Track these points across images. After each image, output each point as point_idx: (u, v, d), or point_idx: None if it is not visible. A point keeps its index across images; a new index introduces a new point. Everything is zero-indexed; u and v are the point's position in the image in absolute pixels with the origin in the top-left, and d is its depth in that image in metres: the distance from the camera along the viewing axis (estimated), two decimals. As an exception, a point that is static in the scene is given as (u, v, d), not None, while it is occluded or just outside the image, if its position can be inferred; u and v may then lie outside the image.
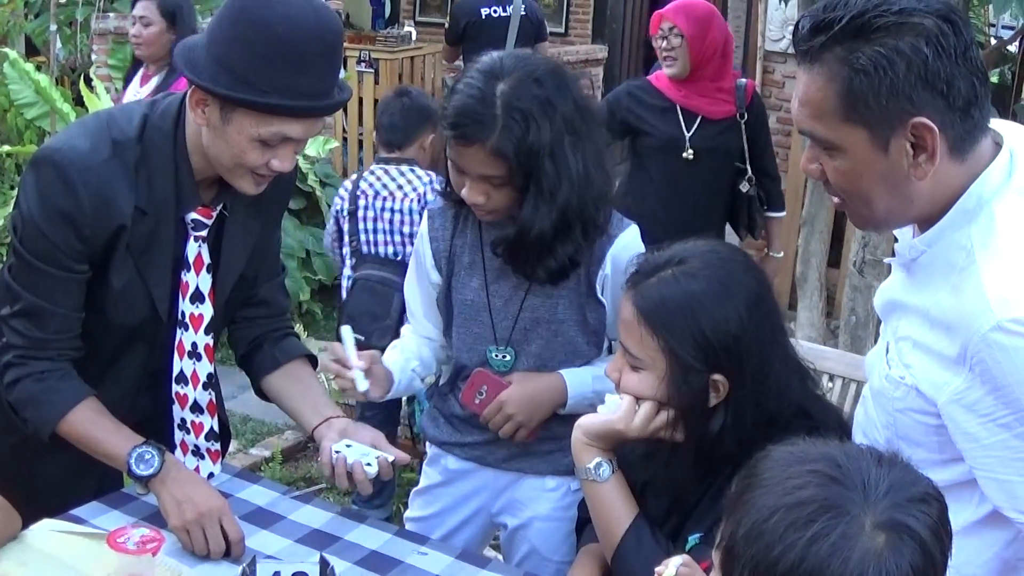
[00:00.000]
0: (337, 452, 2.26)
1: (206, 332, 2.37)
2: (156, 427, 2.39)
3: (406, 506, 2.75)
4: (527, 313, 2.39)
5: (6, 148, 6.12)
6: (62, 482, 2.38)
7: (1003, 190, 1.68)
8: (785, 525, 1.29)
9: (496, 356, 2.44)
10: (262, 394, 2.57)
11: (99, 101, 6.19)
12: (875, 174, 1.68)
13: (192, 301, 2.34)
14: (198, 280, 2.33)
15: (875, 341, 4.96)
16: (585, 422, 2.07)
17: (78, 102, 6.46)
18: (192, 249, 2.31)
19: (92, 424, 2.25)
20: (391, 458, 2.27)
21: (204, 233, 2.31)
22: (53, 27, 7.39)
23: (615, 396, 2.04)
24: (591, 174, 2.27)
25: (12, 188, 6.10)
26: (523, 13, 7.58)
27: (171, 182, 2.22)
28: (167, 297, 2.31)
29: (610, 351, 2.47)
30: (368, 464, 2.24)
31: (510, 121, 2.18)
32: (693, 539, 1.99)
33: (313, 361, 2.59)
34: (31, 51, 8.56)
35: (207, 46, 2.10)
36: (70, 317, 2.24)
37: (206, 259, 2.33)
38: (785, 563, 1.27)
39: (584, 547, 2.22)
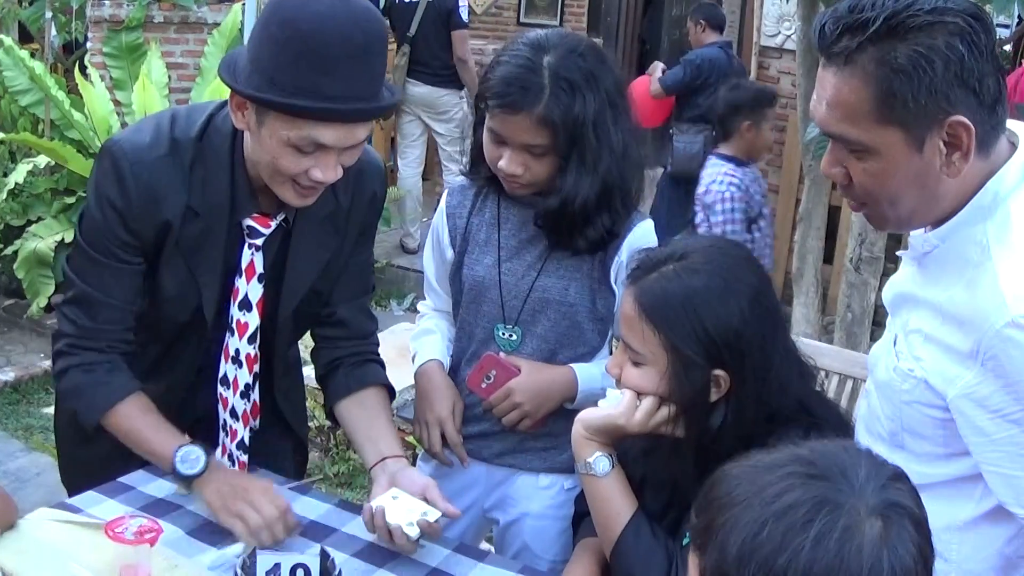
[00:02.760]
0: (377, 506, 2.16)
1: (249, 341, 2.35)
2: (207, 429, 2.40)
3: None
4: (537, 293, 2.40)
5: (0, 135, 6.09)
6: (114, 456, 2.35)
7: (1019, 187, 1.69)
8: (782, 532, 1.22)
9: (503, 335, 2.44)
10: (334, 419, 2.54)
11: (94, 89, 6.18)
12: (907, 174, 1.68)
13: (240, 308, 2.33)
14: (248, 288, 2.31)
15: (870, 338, 5.00)
16: (586, 416, 2.07)
17: (72, 89, 6.45)
18: (245, 256, 2.28)
19: (138, 420, 2.26)
20: (437, 515, 2.16)
21: (259, 241, 2.28)
22: (48, 14, 7.36)
23: (616, 391, 2.04)
24: (629, 146, 2.32)
25: (5, 175, 6.08)
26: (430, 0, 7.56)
27: (227, 185, 2.20)
28: (215, 299, 2.30)
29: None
30: (410, 524, 2.12)
31: (558, 90, 2.22)
32: (691, 534, 1.99)
33: (391, 391, 2.53)
34: (25, 38, 8.53)
35: (248, 49, 2.08)
36: (121, 309, 2.24)
37: (258, 268, 2.30)
38: (795, 570, 1.21)
39: (582, 541, 2.22)
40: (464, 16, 7.81)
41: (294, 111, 1.99)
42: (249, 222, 2.26)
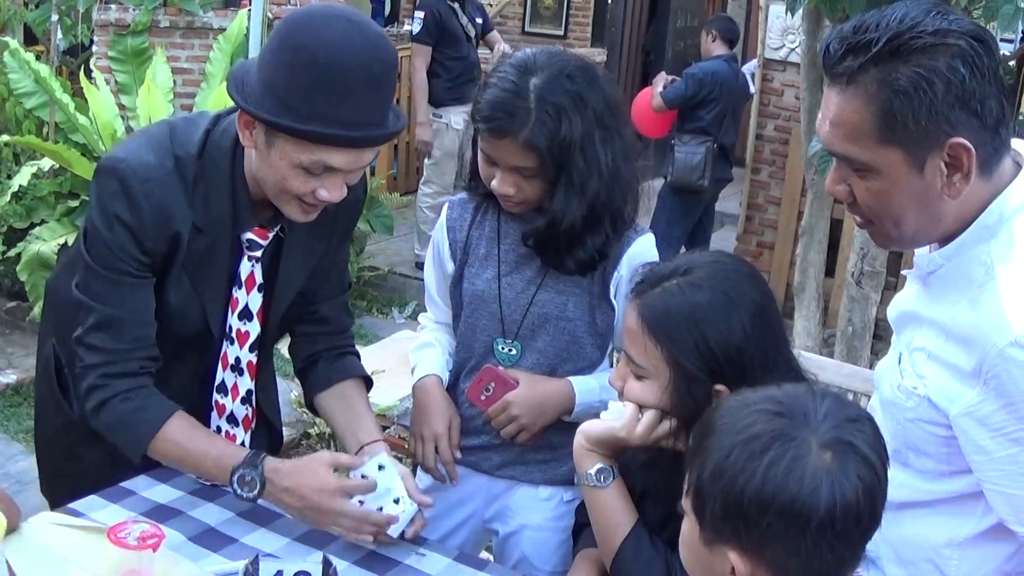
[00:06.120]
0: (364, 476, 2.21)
1: (251, 349, 2.38)
2: None
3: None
4: (537, 308, 2.40)
5: (4, 138, 6.09)
6: (100, 469, 2.36)
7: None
8: (744, 458, 1.46)
9: (502, 349, 2.45)
10: (314, 410, 2.59)
11: (99, 92, 6.19)
12: (908, 194, 1.69)
13: (240, 318, 2.35)
14: (248, 298, 2.33)
15: (871, 352, 4.99)
16: (587, 428, 2.08)
17: (77, 92, 6.45)
18: (245, 268, 2.31)
19: (185, 444, 2.23)
20: (413, 510, 2.20)
21: (258, 253, 2.30)
22: (54, 17, 7.37)
23: (618, 403, 2.05)
24: (619, 168, 2.31)
25: (9, 177, 6.09)
26: None
27: (228, 201, 2.21)
28: (220, 312, 2.32)
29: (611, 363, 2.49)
30: (396, 500, 2.19)
31: (543, 114, 2.21)
32: (691, 547, 2.00)
33: (368, 382, 2.58)
34: (31, 40, 8.54)
35: (258, 68, 2.07)
36: (146, 325, 2.22)
37: (258, 279, 2.33)
38: (750, 490, 1.44)
39: (582, 552, 2.22)
40: (414, 28, 7.54)
41: (309, 137, 2.01)
42: (249, 235, 2.28)
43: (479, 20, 7.75)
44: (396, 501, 2.19)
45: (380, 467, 2.22)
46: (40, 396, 2.59)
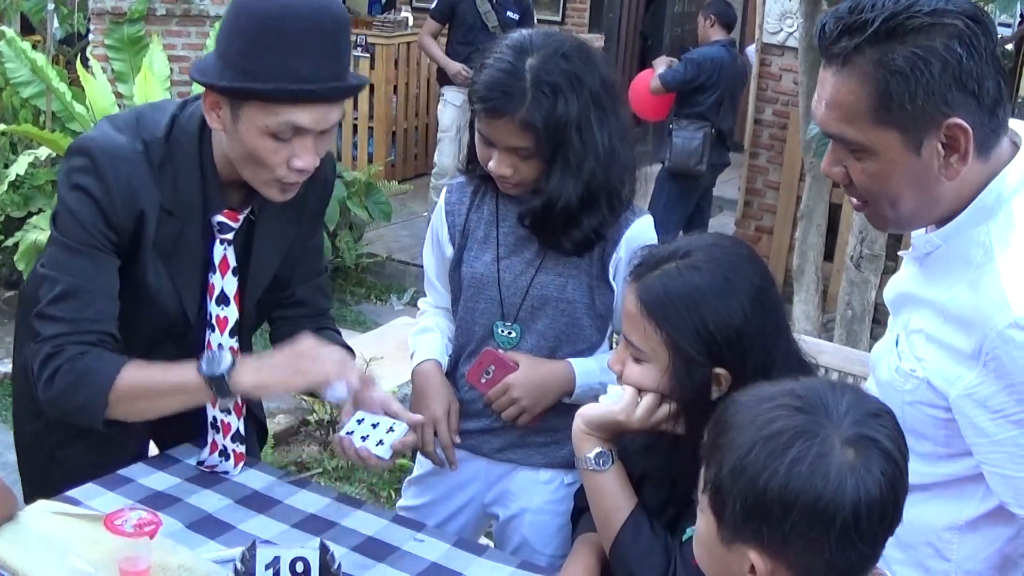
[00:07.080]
0: (349, 433, 2.22)
1: (231, 335, 2.37)
2: (190, 426, 2.41)
3: (398, 493, 2.74)
4: (536, 290, 2.40)
5: (1, 127, 6.08)
6: (81, 470, 2.35)
7: (1022, 188, 1.70)
8: (765, 455, 1.42)
9: (502, 332, 2.45)
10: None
11: (95, 81, 6.18)
12: (905, 175, 1.68)
13: (218, 303, 2.34)
14: (223, 283, 2.33)
15: (870, 336, 4.99)
16: (586, 412, 2.07)
17: (74, 81, 6.44)
18: (218, 252, 2.31)
19: (145, 371, 2.17)
20: (404, 428, 2.23)
21: (230, 236, 2.30)
22: (50, 6, 7.36)
23: (617, 387, 2.04)
24: (616, 148, 2.31)
25: (6, 167, 6.08)
26: None
27: (197, 184, 2.22)
28: (196, 299, 2.32)
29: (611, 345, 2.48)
30: (379, 444, 2.20)
31: (539, 94, 2.21)
32: (690, 531, 1.99)
33: (350, 352, 2.55)
34: (27, 29, 8.52)
35: (216, 47, 2.11)
36: (110, 300, 2.21)
37: (231, 262, 2.33)
38: (773, 488, 1.40)
39: (581, 536, 2.22)
40: (432, 4, 7.78)
41: (276, 96, 2.03)
42: (219, 218, 2.28)
43: (512, 14, 7.65)
44: (391, 430, 2.22)
45: (359, 420, 2.24)
46: (18, 400, 2.56)
